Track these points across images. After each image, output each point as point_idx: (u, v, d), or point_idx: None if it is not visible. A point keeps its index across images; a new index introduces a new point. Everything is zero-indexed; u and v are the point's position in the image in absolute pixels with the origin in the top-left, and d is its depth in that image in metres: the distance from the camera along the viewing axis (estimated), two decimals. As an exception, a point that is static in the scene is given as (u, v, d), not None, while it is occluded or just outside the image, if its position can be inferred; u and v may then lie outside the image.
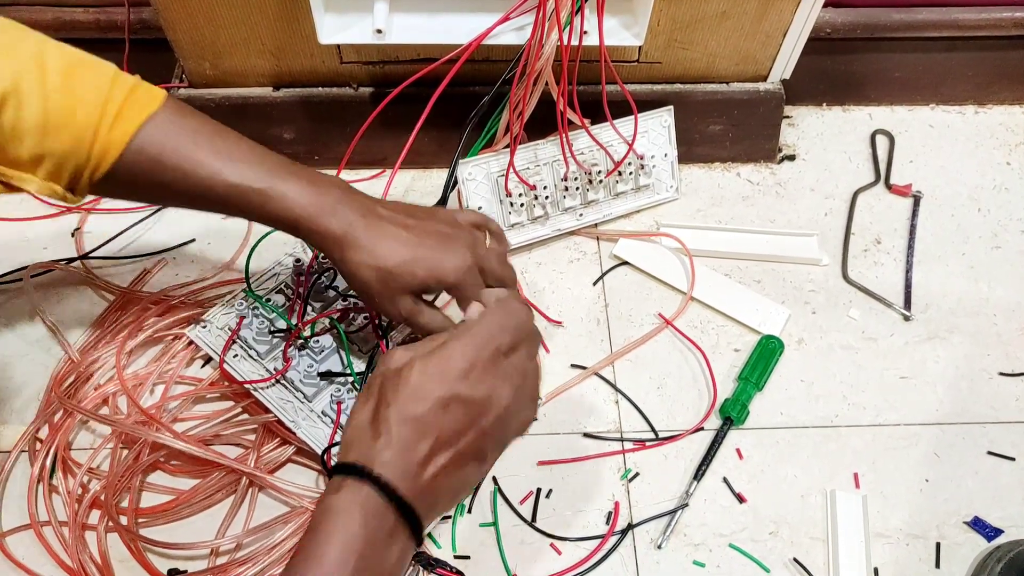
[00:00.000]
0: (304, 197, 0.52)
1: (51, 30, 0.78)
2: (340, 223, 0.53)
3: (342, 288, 0.68)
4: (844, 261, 0.78)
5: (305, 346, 0.64)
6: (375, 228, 0.53)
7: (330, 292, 0.67)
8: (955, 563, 0.61)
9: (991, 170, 0.85)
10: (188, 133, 0.52)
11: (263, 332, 0.65)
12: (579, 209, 0.77)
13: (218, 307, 0.68)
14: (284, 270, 0.70)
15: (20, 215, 0.78)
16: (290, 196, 0.52)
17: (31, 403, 0.66)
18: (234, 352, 0.65)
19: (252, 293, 0.66)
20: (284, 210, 0.52)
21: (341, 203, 0.53)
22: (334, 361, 0.65)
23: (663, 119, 0.77)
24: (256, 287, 0.69)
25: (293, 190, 0.52)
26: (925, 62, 0.87)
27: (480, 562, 0.61)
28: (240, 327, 0.65)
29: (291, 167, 0.54)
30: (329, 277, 0.68)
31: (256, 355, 0.65)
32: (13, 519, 0.61)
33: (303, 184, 0.53)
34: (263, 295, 0.68)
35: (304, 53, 0.74)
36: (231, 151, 0.53)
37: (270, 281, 0.70)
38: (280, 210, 0.52)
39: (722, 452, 0.66)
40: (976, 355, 0.72)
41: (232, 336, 0.65)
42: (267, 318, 0.65)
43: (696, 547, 0.62)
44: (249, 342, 0.65)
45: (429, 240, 0.54)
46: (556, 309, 0.74)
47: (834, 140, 0.87)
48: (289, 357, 0.64)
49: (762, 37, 0.75)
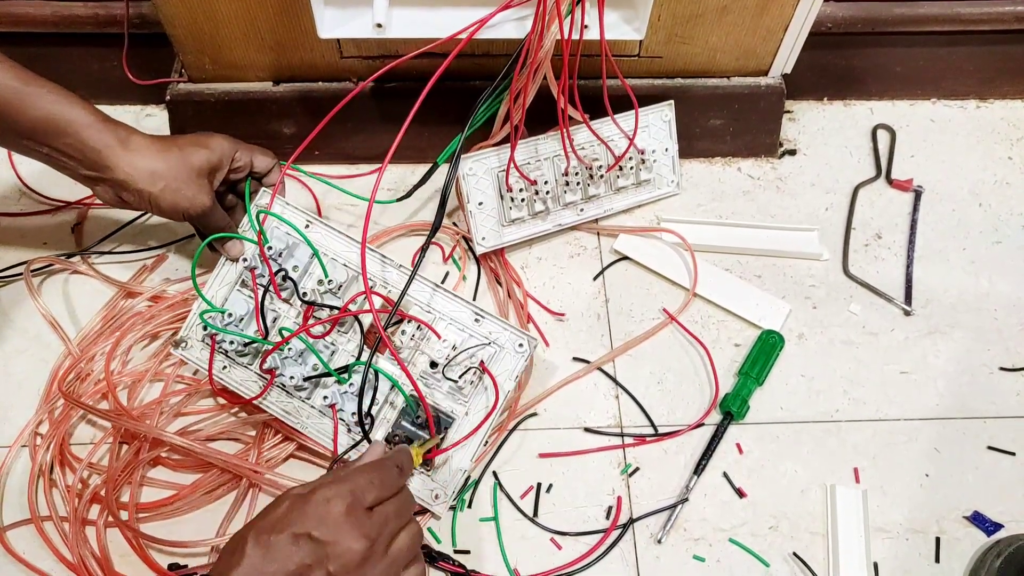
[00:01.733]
0: (78, 105, 0.59)
1: (50, 24, 0.78)
2: (126, 128, 0.61)
3: (299, 275, 0.65)
4: (845, 256, 0.77)
5: (283, 354, 0.63)
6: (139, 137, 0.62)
7: (288, 282, 0.65)
8: (955, 558, 0.62)
9: (992, 165, 0.85)
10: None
11: (239, 345, 0.64)
12: (580, 204, 0.76)
13: (189, 320, 0.67)
14: (229, 270, 0.67)
15: (20, 210, 0.78)
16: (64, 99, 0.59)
17: (31, 398, 0.66)
18: (222, 364, 0.65)
19: (209, 324, 0.63)
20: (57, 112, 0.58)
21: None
22: (309, 366, 0.64)
23: (664, 114, 0.77)
24: (211, 295, 0.67)
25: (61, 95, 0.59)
26: (926, 56, 0.86)
27: (480, 556, 0.61)
28: (215, 343, 0.64)
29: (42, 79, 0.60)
30: (281, 277, 0.65)
31: (246, 363, 0.65)
32: (13, 514, 0.61)
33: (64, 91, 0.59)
34: (222, 304, 0.66)
35: (304, 48, 0.74)
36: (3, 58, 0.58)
37: (224, 288, 0.67)
38: (50, 112, 0.58)
39: (722, 447, 0.66)
40: (977, 350, 0.72)
41: (212, 353, 0.64)
42: (236, 339, 0.64)
43: (696, 542, 0.62)
44: (231, 354, 0.65)
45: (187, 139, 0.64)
46: (557, 304, 0.74)
47: (835, 135, 0.87)
48: (272, 368, 0.63)
49: (763, 32, 0.74)
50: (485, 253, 0.74)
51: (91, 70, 0.83)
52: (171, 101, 0.78)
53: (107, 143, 0.60)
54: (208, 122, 0.78)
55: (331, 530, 0.46)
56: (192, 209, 0.62)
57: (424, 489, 0.61)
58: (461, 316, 0.65)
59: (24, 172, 0.79)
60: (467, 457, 0.62)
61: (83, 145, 0.59)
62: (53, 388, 0.66)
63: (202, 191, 0.63)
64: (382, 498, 0.50)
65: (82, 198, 0.78)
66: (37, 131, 0.59)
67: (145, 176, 0.60)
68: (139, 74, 0.79)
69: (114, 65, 0.80)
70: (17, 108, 0.58)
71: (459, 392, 0.63)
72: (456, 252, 0.76)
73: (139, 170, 0.60)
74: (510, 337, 0.64)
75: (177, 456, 0.63)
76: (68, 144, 0.59)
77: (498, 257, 0.75)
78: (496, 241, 0.74)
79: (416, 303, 0.65)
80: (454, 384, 0.63)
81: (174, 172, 0.61)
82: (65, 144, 0.59)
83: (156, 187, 0.61)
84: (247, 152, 0.66)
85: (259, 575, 0.44)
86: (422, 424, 0.62)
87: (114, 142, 0.60)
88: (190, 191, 0.62)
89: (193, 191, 0.62)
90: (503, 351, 0.63)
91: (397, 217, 0.78)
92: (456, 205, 0.78)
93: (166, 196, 0.61)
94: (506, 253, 0.76)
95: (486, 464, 0.65)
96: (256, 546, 0.45)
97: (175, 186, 0.61)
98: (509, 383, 0.63)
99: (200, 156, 0.62)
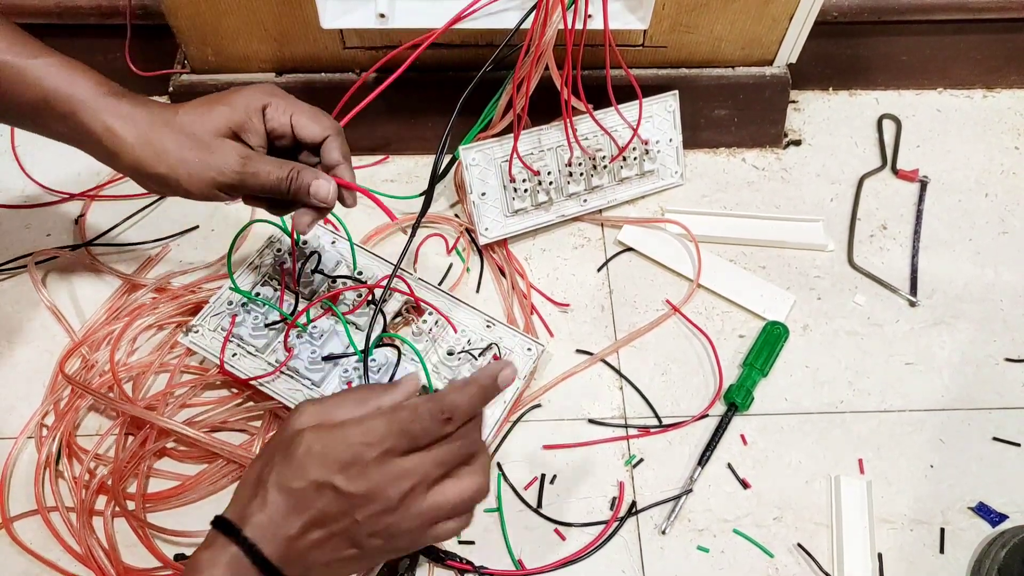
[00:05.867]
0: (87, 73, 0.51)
1: (53, 16, 0.78)
2: (131, 100, 0.51)
3: (327, 270, 0.68)
4: (850, 247, 0.77)
5: (303, 333, 0.64)
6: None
7: (316, 276, 0.67)
8: (959, 548, 0.62)
9: (999, 155, 0.84)
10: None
11: (259, 327, 0.64)
12: (583, 195, 0.76)
13: (206, 309, 0.67)
14: (264, 261, 0.69)
15: (24, 202, 0.78)
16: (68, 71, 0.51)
17: (36, 389, 0.67)
18: (232, 351, 0.65)
19: (239, 290, 0.66)
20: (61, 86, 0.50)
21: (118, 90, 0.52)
22: (334, 343, 0.65)
23: (668, 104, 0.77)
24: (240, 282, 0.68)
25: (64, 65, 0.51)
26: (933, 45, 0.86)
27: (485, 547, 0.61)
28: (233, 326, 0.65)
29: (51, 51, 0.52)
30: (313, 262, 0.68)
31: (255, 350, 0.65)
32: (20, 505, 0.61)
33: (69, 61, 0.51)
34: (250, 289, 0.67)
35: (306, 39, 0.74)
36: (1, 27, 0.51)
37: (252, 275, 0.69)
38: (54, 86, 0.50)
39: (726, 438, 0.66)
40: (982, 341, 0.72)
41: (227, 336, 0.64)
42: (260, 312, 0.65)
43: (700, 532, 0.62)
44: (246, 339, 0.65)
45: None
46: (560, 296, 0.73)
47: (840, 125, 0.87)
48: (291, 347, 0.63)
49: (768, 21, 0.74)
50: (488, 244, 0.74)
51: (93, 61, 0.81)
52: (174, 92, 0.78)
53: (107, 125, 0.50)
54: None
55: (356, 481, 0.41)
56: (221, 177, 0.51)
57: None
58: (472, 323, 0.68)
59: (28, 163, 0.79)
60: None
61: (82, 133, 0.51)
62: (58, 379, 0.66)
63: (226, 155, 0.51)
64: (417, 446, 0.43)
65: (86, 189, 0.78)
66: (35, 114, 0.51)
67: (151, 157, 0.50)
68: (142, 65, 0.79)
69: (116, 56, 0.80)
70: (9, 89, 0.50)
71: None
72: (460, 244, 0.76)
73: (145, 151, 0.50)
74: (520, 341, 0.67)
75: (183, 447, 0.64)
76: (67, 132, 0.52)
77: (502, 248, 0.75)
78: (499, 232, 0.74)
79: (429, 308, 0.68)
80: (472, 368, 0.64)
81: (186, 144, 0.50)
82: (65, 132, 0.52)
83: (167, 166, 0.50)
84: (284, 109, 0.52)
85: (281, 527, 0.41)
86: None
87: (115, 122, 0.50)
88: (211, 158, 0.50)
89: (214, 158, 0.51)
90: (512, 354, 0.66)
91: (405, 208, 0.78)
92: (458, 199, 0.78)
93: (181, 174, 0.51)
94: (509, 244, 0.76)
95: (491, 455, 0.65)
96: (279, 493, 0.42)
97: (191, 158, 0.50)
98: (518, 380, 0.65)
99: (218, 116, 0.51)
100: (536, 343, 0.67)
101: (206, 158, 0.50)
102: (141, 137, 0.50)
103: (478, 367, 0.64)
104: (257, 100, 0.52)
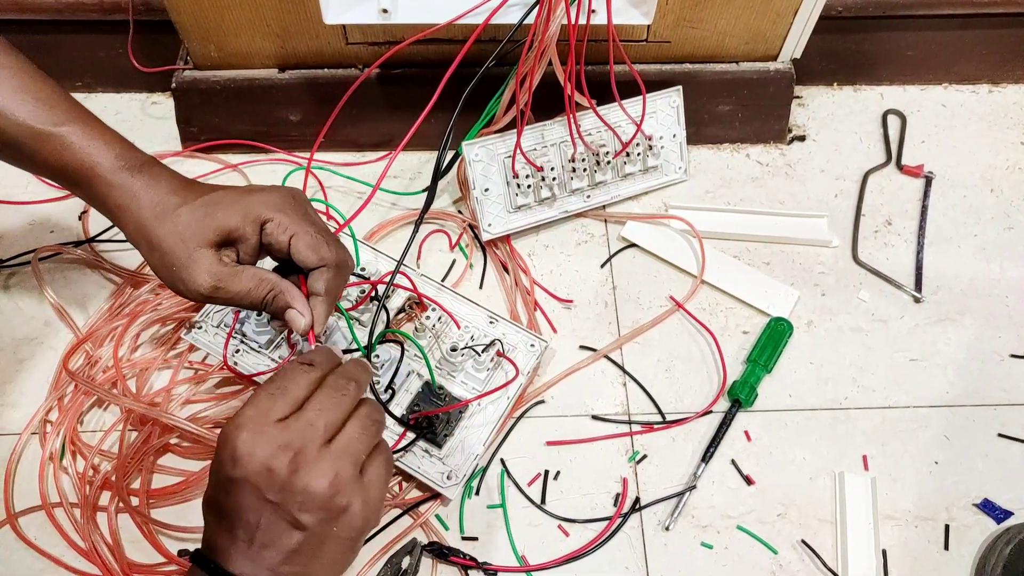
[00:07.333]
0: (112, 144, 0.50)
1: (55, 11, 0.78)
2: (147, 180, 0.50)
3: None
4: (854, 242, 0.77)
5: None
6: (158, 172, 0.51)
7: None
8: (964, 545, 0.61)
9: (1004, 150, 0.84)
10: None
11: (262, 323, 0.64)
12: (587, 191, 0.76)
13: (209, 306, 0.67)
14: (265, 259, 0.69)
15: (26, 198, 0.78)
16: (95, 142, 0.50)
17: (40, 385, 0.67)
18: (235, 347, 0.65)
19: None
20: (82, 159, 0.49)
21: (146, 163, 0.51)
22: (337, 339, 0.65)
23: (672, 99, 0.77)
24: None
25: (96, 135, 0.50)
26: (938, 40, 0.85)
27: (488, 544, 0.61)
28: (236, 322, 0.65)
29: (91, 116, 0.51)
30: None
31: (258, 347, 0.65)
32: (24, 500, 0.61)
33: (104, 130, 0.51)
34: None
35: (309, 34, 0.73)
36: (30, 88, 0.49)
37: None
38: (78, 159, 0.49)
39: (730, 434, 0.66)
40: (987, 337, 0.71)
41: (230, 333, 0.64)
42: (254, 321, 0.65)
43: (704, 529, 0.62)
44: (250, 335, 0.65)
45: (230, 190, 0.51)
46: (564, 292, 0.73)
47: (845, 120, 0.86)
48: (294, 343, 0.63)
49: (772, 16, 0.74)
50: (491, 240, 0.74)
51: (96, 57, 0.83)
52: (176, 89, 0.78)
53: (117, 203, 0.50)
54: (214, 110, 0.78)
55: (249, 463, 0.41)
56: (189, 295, 0.49)
57: (434, 472, 0.61)
58: (476, 319, 0.68)
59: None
60: (479, 442, 0.62)
61: (95, 202, 0.51)
62: (62, 376, 0.66)
63: (200, 273, 0.49)
64: (296, 403, 0.43)
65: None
66: (52, 176, 0.51)
67: (144, 247, 0.50)
68: (144, 61, 0.79)
69: (119, 52, 0.80)
70: (29, 155, 0.50)
71: (477, 373, 0.64)
72: (463, 241, 0.76)
73: (139, 240, 0.50)
74: (523, 338, 0.67)
75: (187, 443, 0.64)
76: (82, 196, 0.52)
77: (505, 244, 0.75)
78: (502, 228, 0.73)
79: (432, 305, 0.67)
80: (475, 363, 0.64)
81: (174, 247, 0.48)
82: (79, 195, 0.52)
83: (156, 261, 0.49)
84: (286, 229, 0.50)
85: (226, 542, 0.42)
86: (443, 397, 0.63)
87: (123, 201, 0.49)
88: (185, 272, 0.49)
89: (188, 273, 0.49)
90: (516, 350, 0.66)
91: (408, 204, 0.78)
92: (461, 195, 0.78)
93: (163, 276, 0.50)
94: (513, 240, 0.76)
95: (494, 451, 0.65)
96: (208, 511, 0.44)
97: (172, 264, 0.49)
98: (522, 377, 0.64)
99: (213, 223, 0.49)
100: (539, 339, 0.67)
101: (181, 273, 0.49)
102: (139, 227, 0.49)
103: (481, 364, 0.64)
104: (261, 212, 0.50)
